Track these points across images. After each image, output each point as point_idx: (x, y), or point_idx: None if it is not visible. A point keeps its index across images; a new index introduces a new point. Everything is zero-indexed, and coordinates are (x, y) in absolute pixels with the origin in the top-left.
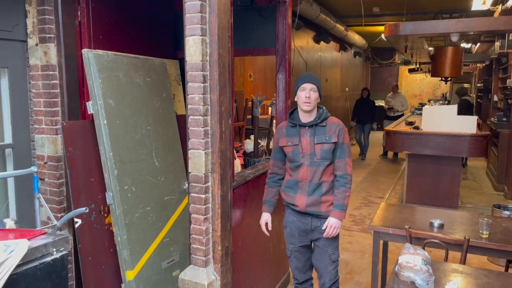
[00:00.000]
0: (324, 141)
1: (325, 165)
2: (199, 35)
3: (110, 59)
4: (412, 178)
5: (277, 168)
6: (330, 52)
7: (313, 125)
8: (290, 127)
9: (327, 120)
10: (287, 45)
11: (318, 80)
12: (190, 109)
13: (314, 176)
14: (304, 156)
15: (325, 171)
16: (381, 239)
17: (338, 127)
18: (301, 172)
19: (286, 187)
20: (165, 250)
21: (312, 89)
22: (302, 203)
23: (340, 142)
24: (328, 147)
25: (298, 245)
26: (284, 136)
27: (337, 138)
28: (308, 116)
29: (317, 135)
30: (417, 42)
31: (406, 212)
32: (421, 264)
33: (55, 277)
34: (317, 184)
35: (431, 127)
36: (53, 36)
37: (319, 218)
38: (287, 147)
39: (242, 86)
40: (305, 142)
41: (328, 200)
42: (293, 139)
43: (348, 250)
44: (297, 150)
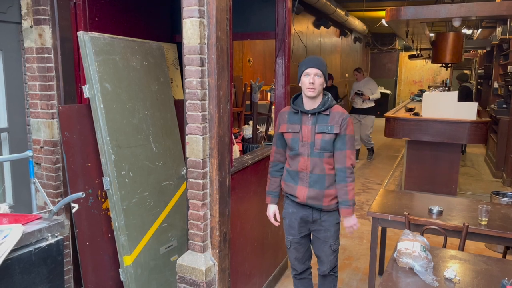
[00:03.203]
0: (326, 131)
1: (325, 156)
2: (197, 17)
3: (107, 42)
4: (411, 164)
5: (279, 155)
6: (330, 38)
7: (316, 113)
8: (292, 113)
9: (331, 109)
10: (286, 29)
11: (323, 64)
12: (188, 93)
13: (315, 167)
14: (304, 145)
15: (326, 162)
16: (380, 226)
17: (342, 117)
18: (301, 162)
19: (286, 177)
20: (163, 236)
21: (317, 74)
22: (303, 195)
23: (342, 133)
24: (329, 138)
25: (298, 236)
26: (285, 122)
27: (339, 129)
28: (312, 102)
29: (319, 124)
30: (418, 27)
31: (404, 199)
32: (420, 250)
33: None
34: (318, 176)
35: (431, 114)
36: (47, 17)
37: (320, 211)
38: (287, 133)
39: (241, 71)
40: (306, 130)
41: (331, 194)
42: (294, 126)
43: (346, 236)
44: (297, 138)
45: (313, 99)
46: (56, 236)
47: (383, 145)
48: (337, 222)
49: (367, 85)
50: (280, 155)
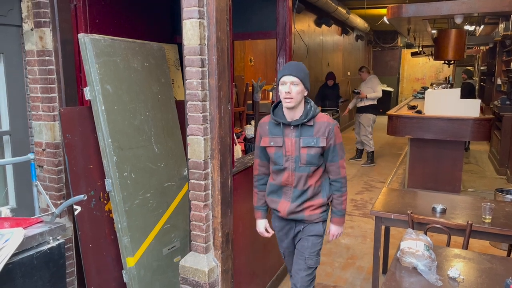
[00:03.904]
0: (312, 144)
1: (311, 170)
2: (197, 18)
3: (107, 43)
4: (414, 162)
5: (264, 168)
6: (332, 36)
7: (299, 125)
8: (273, 125)
9: (315, 119)
10: (287, 28)
11: (301, 70)
12: (189, 94)
13: (299, 181)
14: (288, 159)
15: (311, 176)
16: (383, 224)
17: (328, 128)
18: (285, 177)
19: (269, 191)
20: (166, 237)
21: (293, 83)
22: (284, 209)
23: (331, 144)
24: (315, 152)
25: (290, 249)
26: (266, 134)
27: (326, 141)
28: (293, 113)
29: (304, 136)
30: (420, 24)
31: (408, 197)
32: (423, 249)
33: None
34: (302, 191)
35: (433, 111)
36: (48, 20)
37: (302, 223)
38: (270, 147)
39: (242, 71)
40: (289, 143)
41: (313, 204)
42: (276, 139)
43: (350, 235)
44: (280, 152)
45: (294, 109)
46: (57, 239)
47: (386, 143)
48: (318, 235)
49: (368, 83)
50: (265, 168)
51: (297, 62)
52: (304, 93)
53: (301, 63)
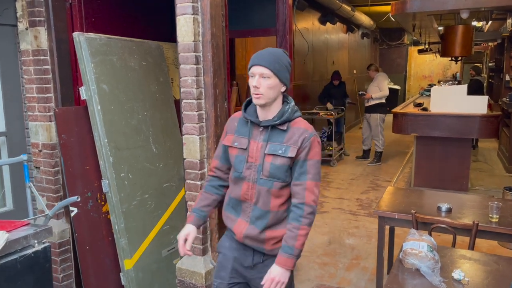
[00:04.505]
0: (278, 152)
1: (275, 186)
2: (191, 14)
3: (103, 42)
4: (420, 161)
5: (221, 172)
6: (336, 34)
7: (270, 127)
8: (243, 122)
9: (290, 123)
10: (287, 24)
11: (275, 60)
12: (183, 92)
13: (260, 198)
14: (250, 167)
15: (276, 195)
16: (387, 224)
17: (303, 136)
18: (244, 189)
19: (227, 205)
20: (165, 238)
21: (263, 75)
22: (240, 231)
23: (302, 158)
24: (281, 163)
25: (227, 281)
26: (233, 132)
27: (296, 151)
28: (265, 112)
29: (272, 141)
30: (426, 20)
31: (413, 196)
32: (426, 250)
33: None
34: (262, 212)
35: (440, 108)
36: (43, 19)
37: (262, 254)
38: (232, 148)
39: (244, 69)
40: (254, 147)
41: (275, 236)
42: (242, 140)
43: (355, 235)
44: (243, 156)
45: (267, 108)
46: (43, 242)
47: (392, 141)
48: None
49: (375, 82)
50: (222, 172)
51: (273, 49)
52: (281, 89)
53: (279, 51)
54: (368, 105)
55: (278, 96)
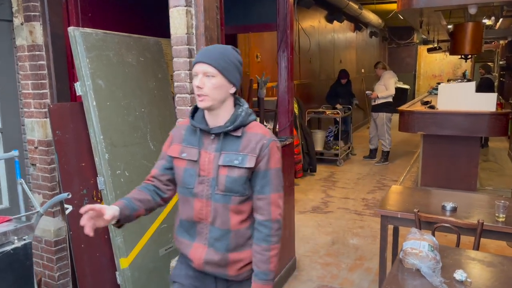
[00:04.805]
0: (235, 163)
1: (233, 201)
2: (183, 6)
3: (99, 37)
4: (427, 160)
5: (159, 182)
6: (344, 32)
7: (222, 134)
8: (191, 130)
9: (245, 128)
10: (288, 19)
11: (221, 57)
12: (177, 86)
13: (217, 216)
14: (202, 181)
15: (236, 211)
16: (390, 224)
17: (262, 142)
18: (197, 208)
19: (178, 229)
20: (162, 237)
21: (207, 74)
22: (198, 257)
23: (262, 167)
24: (239, 174)
25: None
26: (180, 141)
27: (255, 160)
28: (214, 117)
29: (226, 151)
30: (433, 17)
31: (417, 195)
32: (427, 250)
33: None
34: (221, 232)
35: (447, 106)
36: (38, 14)
37: (226, 281)
38: (179, 160)
39: (247, 66)
40: (206, 159)
41: (241, 259)
42: (191, 150)
43: (359, 235)
44: (193, 169)
45: (215, 112)
46: (23, 239)
47: (400, 140)
48: None
49: (381, 80)
50: (161, 183)
51: (220, 46)
52: (229, 90)
53: (227, 47)
54: (375, 104)
55: (227, 98)
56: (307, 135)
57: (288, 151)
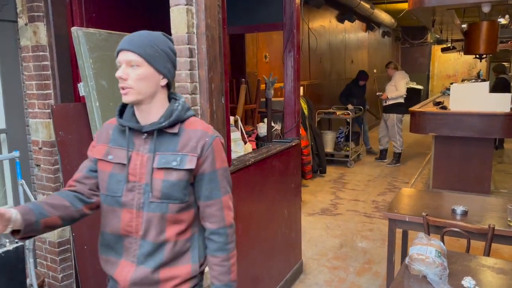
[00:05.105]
0: (173, 165)
1: (171, 210)
2: (184, 4)
3: (103, 37)
4: (439, 161)
5: (82, 185)
6: (355, 32)
7: (156, 131)
8: (119, 130)
9: (183, 124)
10: (294, 18)
11: (148, 43)
12: (178, 87)
13: (150, 228)
14: (133, 188)
15: (174, 221)
16: (398, 228)
17: (204, 140)
18: (125, 219)
19: (102, 245)
20: None
21: (130, 63)
22: (124, 277)
23: (207, 169)
24: (178, 178)
25: None
26: (106, 141)
27: (197, 162)
28: (144, 113)
29: (161, 152)
30: (446, 15)
31: (427, 198)
32: (434, 256)
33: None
34: (155, 246)
35: (460, 107)
36: (42, 14)
37: None
38: (104, 163)
39: (255, 67)
40: (138, 162)
41: (176, 275)
42: (119, 152)
43: (368, 238)
44: (121, 175)
45: (144, 107)
46: (16, 242)
47: (413, 142)
48: None
49: (392, 81)
50: (85, 186)
51: (148, 32)
52: (160, 82)
53: (156, 34)
54: (386, 105)
55: (158, 92)
56: (316, 136)
57: (294, 152)
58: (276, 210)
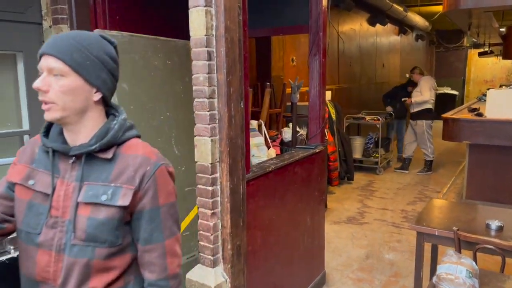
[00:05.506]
0: (102, 199)
1: (98, 255)
2: (203, 6)
3: (125, 40)
4: (473, 171)
5: None
6: (387, 36)
7: (83, 156)
8: (43, 150)
9: (121, 148)
10: (321, 21)
11: (76, 46)
12: (195, 90)
13: (71, 276)
14: (55, 225)
15: (101, 269)
16: (426, 242)
17: (144, 168)
18: (42, 263)
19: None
20: (185, 245)
21: (53, 71)
22: None
23: (147, 206)
24: (107, 216)
25: None
26: (30, 161)
27: (133, 195)
28: (73, 133)
29: (90, 181)
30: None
31: (459, 211)
32: (465, 276)
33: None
34: None
35: (497, 114)
36: (65, 17)
37: None
38: (23, 188)
39: (281, 70)
40: (62, 191)
41: None
42: (43, 177)
43: (396, 249)
44: (43, 206)
45: (73, 127)
46: None
47: (446, 149)
48: None
49: (418, 87)
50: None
51: (76, 33)
52: (92, 97)
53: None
54: (414, 111)
55: (89, 108)
56: (344, 142)
57: (318, 159)
58: (298, 218)
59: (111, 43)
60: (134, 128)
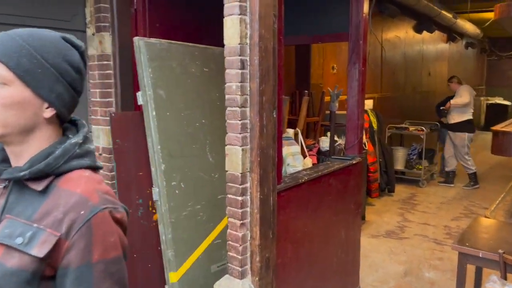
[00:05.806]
0: (15, 242)
1: None
2: (238, 14)
3: (163, 47)
4: None
5: None
6: (434, 43)
7: (11, 182)
8: None
9: (58, 180)
10: (361, 29)
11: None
12: (228, 99)
13: None
14: None
15: None
16: (469, 263)
17: (77, 212)
18: None
19: None
20: (216, 253)
21: None
22: None
23: (73, 261)
24: (18, 265)
25: None
26: None
27: (56, 243)
28: (15, 156)
29: (14, 214)
30: None
31: (508, 231)
32: None
33: None
34: None
35: None
36: (108, 25)
37: None
38: None
39: (320, 78)
40: None
41: None
42: None
43: (437, 268)
44: None
45: (15, 149)
46: None
47: (497, 163)
48: None
49: (456, 96)
50: None
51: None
52: (42, 113)
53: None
54: (453, 123)
55: (38, 126)
56: (386, 152)
57: (355, 171)
58: (332, 231)
59: (77, 48)
60: (87, 157)
